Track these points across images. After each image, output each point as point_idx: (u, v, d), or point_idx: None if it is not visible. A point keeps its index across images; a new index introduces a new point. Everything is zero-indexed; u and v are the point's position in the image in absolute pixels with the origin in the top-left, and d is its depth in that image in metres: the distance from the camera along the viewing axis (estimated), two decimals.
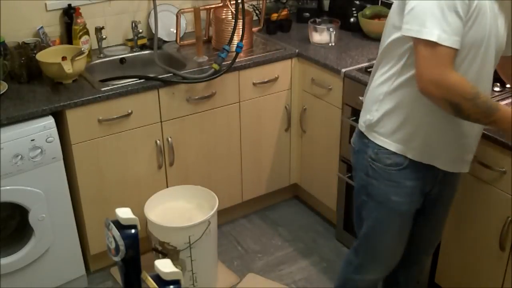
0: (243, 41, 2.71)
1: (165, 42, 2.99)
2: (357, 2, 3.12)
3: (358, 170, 1.92)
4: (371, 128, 1.82)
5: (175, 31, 2.95)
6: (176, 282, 1.51)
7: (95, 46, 2.82)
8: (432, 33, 1.49)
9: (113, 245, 1.64)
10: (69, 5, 2.73)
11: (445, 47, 1.50)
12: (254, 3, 3.26)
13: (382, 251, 2.00)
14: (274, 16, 3.18)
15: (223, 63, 2.64)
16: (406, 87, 1.69)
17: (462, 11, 1.50)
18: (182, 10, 2.91)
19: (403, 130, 1.75)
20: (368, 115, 1.82)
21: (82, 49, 2.57)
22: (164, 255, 2.42)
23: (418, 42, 1.53)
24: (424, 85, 1.55)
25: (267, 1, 3.29)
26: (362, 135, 1.87)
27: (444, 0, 1.49)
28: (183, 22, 3.04)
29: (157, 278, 1.51)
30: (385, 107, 1.76)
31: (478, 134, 1.83)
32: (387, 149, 1.78)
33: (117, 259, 1.65)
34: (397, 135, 1.76)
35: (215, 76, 2.62)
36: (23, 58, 2.48)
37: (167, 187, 2.73)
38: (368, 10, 3.05)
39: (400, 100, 1.72)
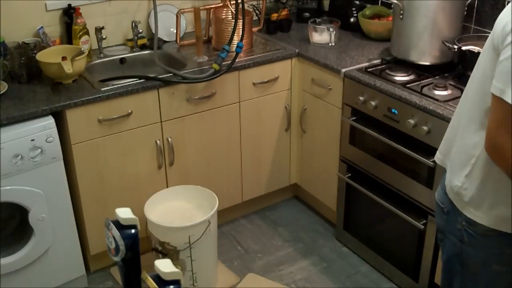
0: (243, 41, 2.71)
1: (165, 42, 2.99)
2: (357, 2, 3.12)
3: (449, 234, 1.67)
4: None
5: (175, 31, 2.95)
6: (176, 282, 1.52)
7: (95, 46, 2.82)
8: None
9: (113, 245, 1.65)
10: (69, 5, 2.73)
11: None
12: (254, 3, 3.26)
13: None
14: (274, 16, 3.18)
15: (223, 63, 2.64)
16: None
17: None
18: (182, 10, 2.91)
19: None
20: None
21: (82, 49, 2.57)
22: (164, 255, 2.42)
23: (498, 101, 1.37)
24: (489, 147, 1.42)
25: (267, 1, 3.29)
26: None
27: None
28: (183, 22, 3.04)
29: (157, 278, 1.52)
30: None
31: None
32: None
33: (117, 259, 1.65)
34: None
35: (215, 76, 2.62)
36: (23, 58, 2.48)
37: (167, 187, 2.73)
38: (368, 10, 3.05)
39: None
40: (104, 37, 2.81)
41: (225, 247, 2.93)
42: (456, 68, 2.47)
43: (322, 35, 2.93)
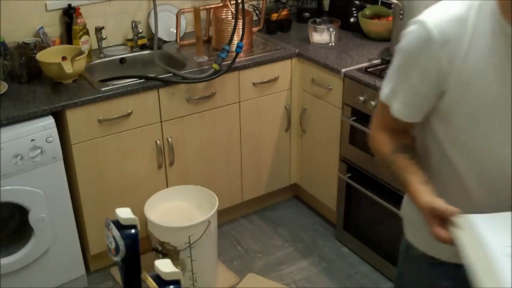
0: (243, 41, 2.71)
1: (165, 42, 2.99)
2: (357, 2, 3.12)
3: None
4: None
5: (175, 31, 2.95)
6: (176, 282, 1.51)
7: (95, 46, 2.82)
8: (383, 92, 1.36)
9: (113, 245, 1.64)
10: (69, 5, 2.73)
11: (388, 109, 1.34)
12: (254, 3, 3.26)
13: None
14: (274, 16, 3.18)
15: (223, 63, 2.64)
16: None
17: (418, 79, 1.25)
18: (182, 10, 2.91)
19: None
20: None
21: (82, 49, 2.57)
22: (164, 255, 2.42)
23: None
24: (368, 138, 1.46)
25: (267, 1, 3.29)
26: None
27: (404, 62, 1.28)
28: (183, 22, 3.04)
29: (157, 278, 1.51)
30: None
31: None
32: None
33: (117, 259, 1.65)
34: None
35: (215, 76, 2.62)
36: (23, 58, 2.48)
37: (167, 187, 2.73)
38: (368, 10, 3.05)
39: None
40: (104, 37, 2.81)
41: (225, 247, 2.93)
42: None
43: (322, 35, 2.93)
